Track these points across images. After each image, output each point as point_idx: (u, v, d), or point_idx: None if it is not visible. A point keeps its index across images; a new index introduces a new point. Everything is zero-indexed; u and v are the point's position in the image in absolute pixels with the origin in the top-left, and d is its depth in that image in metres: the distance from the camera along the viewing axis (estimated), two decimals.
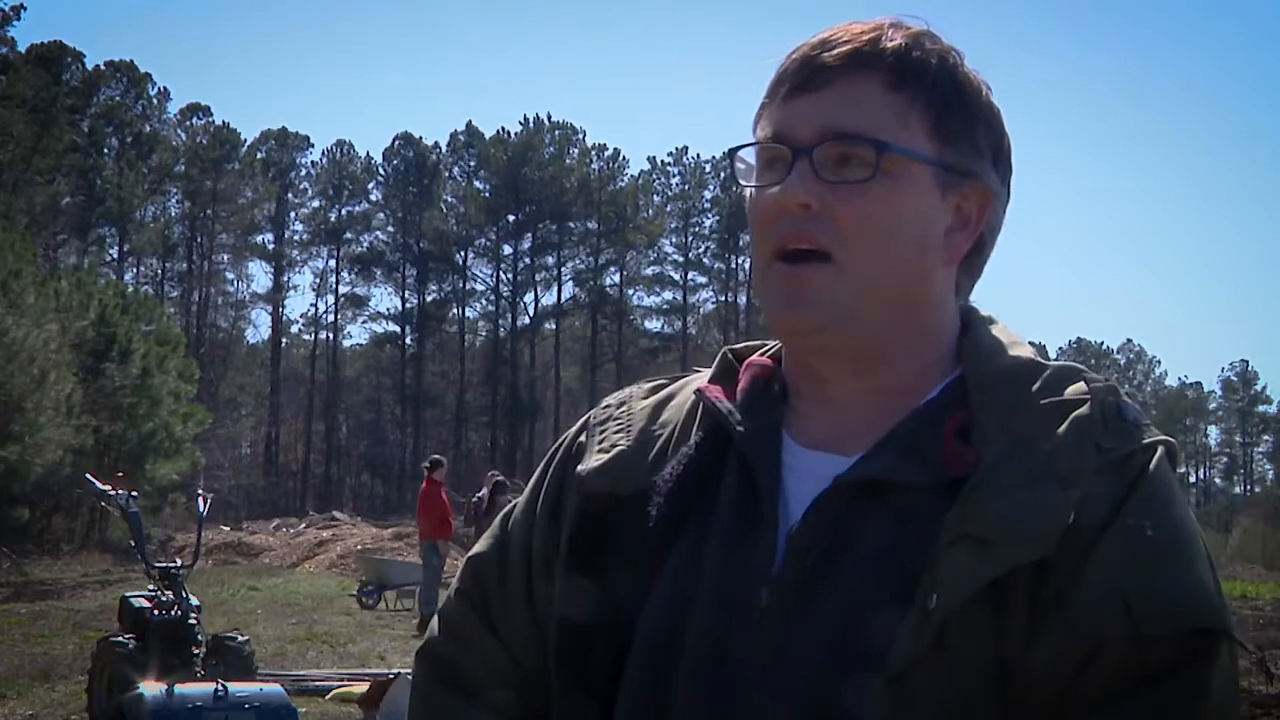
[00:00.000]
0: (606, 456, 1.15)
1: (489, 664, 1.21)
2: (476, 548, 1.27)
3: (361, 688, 8.20)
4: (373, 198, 62.54)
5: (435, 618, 1.30)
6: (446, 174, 62.71)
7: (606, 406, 1.23)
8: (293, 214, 60.91)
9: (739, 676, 1.01)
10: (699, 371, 1.23)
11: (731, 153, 1.11)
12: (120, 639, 7.46)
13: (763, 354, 1.19)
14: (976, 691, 0.95)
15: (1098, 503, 0.96)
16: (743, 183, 1.10)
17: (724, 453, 1.11)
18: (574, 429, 1.24)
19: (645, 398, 1.22)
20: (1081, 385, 1.03)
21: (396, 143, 62.00)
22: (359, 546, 25.23)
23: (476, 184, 62.06)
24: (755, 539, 1.05)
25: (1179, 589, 0.95)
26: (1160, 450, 1.00)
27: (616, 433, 1.18)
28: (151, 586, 7.86)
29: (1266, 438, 78.20)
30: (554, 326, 62.40)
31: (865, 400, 1.08)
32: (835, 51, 1.05)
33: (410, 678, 1.31)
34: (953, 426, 1.03)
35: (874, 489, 1.02)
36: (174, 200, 56.25)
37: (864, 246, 1.03)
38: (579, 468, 1.16)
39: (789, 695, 0.99)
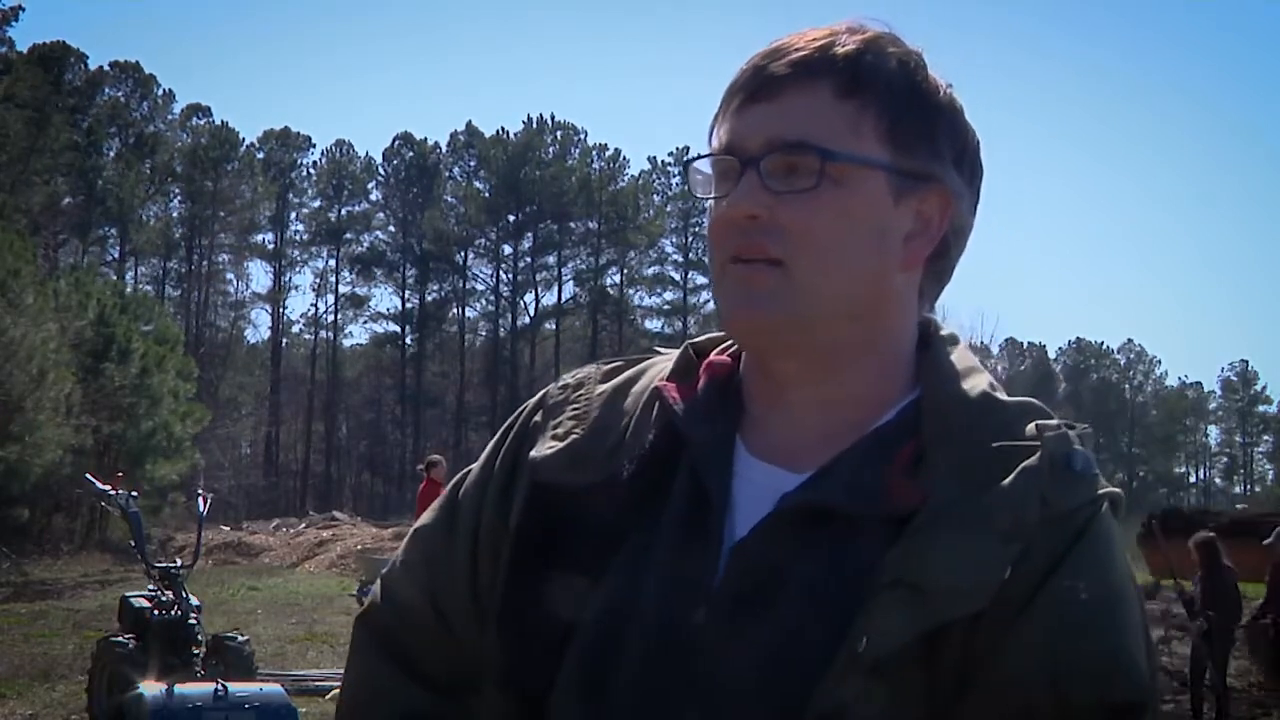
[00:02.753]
0: (560, 445, 1.13)
1: (427, 634, 1.19)
2: (423, 519, 1.24)
3: None
4: (373, 198, 62.63)
5: (378, 583, 1.27)
6: (446, 174, 62.71)
7: (564, 387, 1.19)
8: (293, 214, 60.94)
9: (672, 693, 1.00)
10: (661, 353, 1.21)
11: (686, 165, 1.10)
12: (120, 639, 7.45)
13: (723, 351, 1.16)
14: None
15: (1036, 559, 0.94)
16: (698, 195, 1.09)
17: (678, 453, 1.09)
18: (530, 405, 1.21)
19: (602, 381, 1.19)
20: (1034, 428, 1.01)
21: (396, 143, 62.07)
22: (359, 546, 25.22)
23: (476, 184, 62.09)
24: (700, 550, 1.03)
25: (1107, 658, 0.94)
26: (1104, 505, 0.98)
27: (571, 419, 1.15)
28: (151, 586, 7.85)
29: (1266, 438, 78.19)
30: (554, 326, 62.41)
31: (822, 411, 1.06)
32: (784, 60, 1.04)
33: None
34: (902, 460, 1.01)
35: (818, 514, 1.00)
36: (175, 200, 56.32)
37: (814, 254, 1.02)
38: (532, 453, 1.14)
39: (722, 711, 0.98)
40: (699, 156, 1.09)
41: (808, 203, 1.02)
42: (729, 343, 1.17)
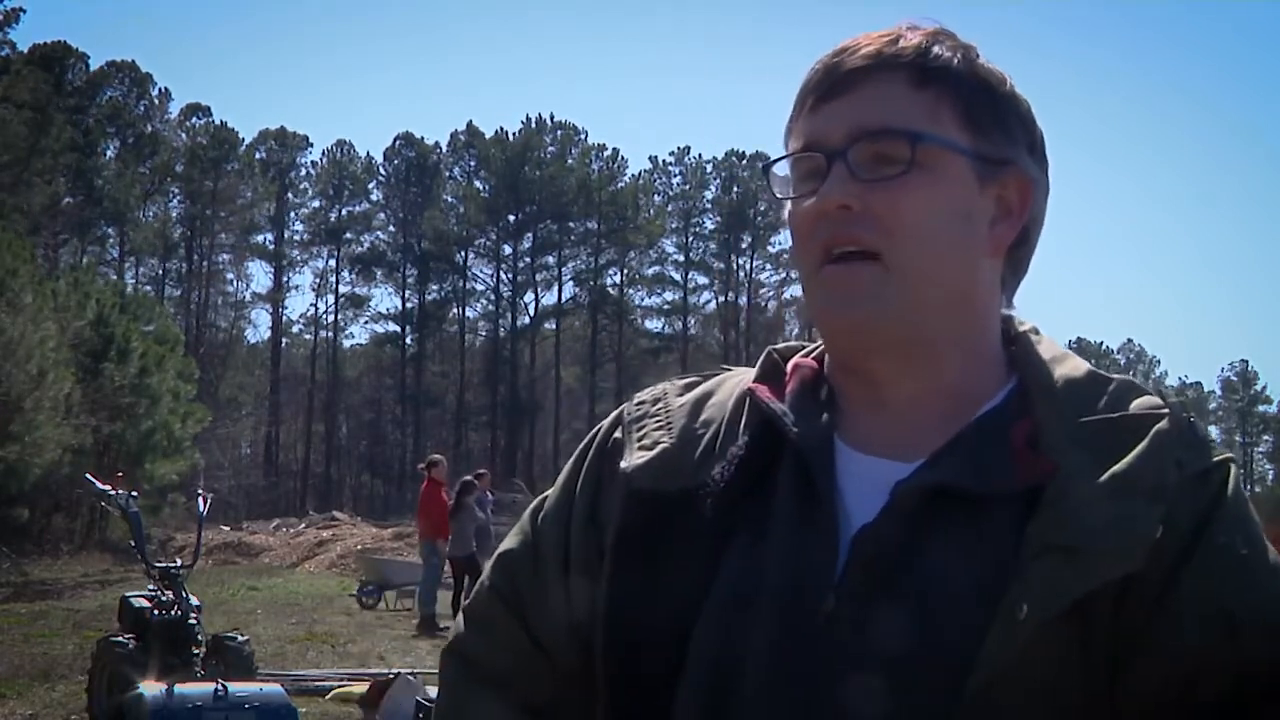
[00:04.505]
0: (650, 454, 1.13)
1: (518, 657, 1.19)
2: (505, 544, 1.25)
3: (361, 688, 8.20)
4: (373, 198, 62.62)
5: (460, 615, 1.28)
6: (447, 174, 62.72)
7: (641, 403, 1.20)
8: (293, 214, 60.95)
9: (807, 682, 1.00)
10: (730, 370, 1.23)
11: (766, 168, 1.11)
12: (120, 639, 7.45)
13: (806, 355, 1.18)
14: (1062, 706, 0.94)
15: (1182, 518, 0.96)
16: (779, 196, 1.10)
17: (774, 454, 1.09)
18: (606, 424, 1.22)
19: (681, 394, 1.20)
20: (1154, 400, 1.04)
21: (397, 143, 62.08)
22: (359, 546, 25.26)
23: (476, 184, 62.08)
24: (815, 543, 1.04)
25: (1278, 607, 0.96)
26: (1233, 467, 1.01)
27: (657, 429, 1.16)
28: (151, 586, 7.85)
29: (1266, 438, 78.19)
30: (554, 326, 62.39)
31: (923, 404, 1.07)
32: (856, 55, 1.06)
33: (408, 678, 1.30)
34: (1021, 434, 1.02)
35: (941, 496, 1.01)
36: (174, 200, 56.32)
37: (909, 242, 1.03)
38: (622, 464, 1.14)
39: (859, 700, 0.98)
40: (779, 159, 1.10)
41: (899, 189, 1.03)
42: (810, 347, 1.18)
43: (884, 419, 1.08)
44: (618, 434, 1.19)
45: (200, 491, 9.75)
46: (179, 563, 8.36)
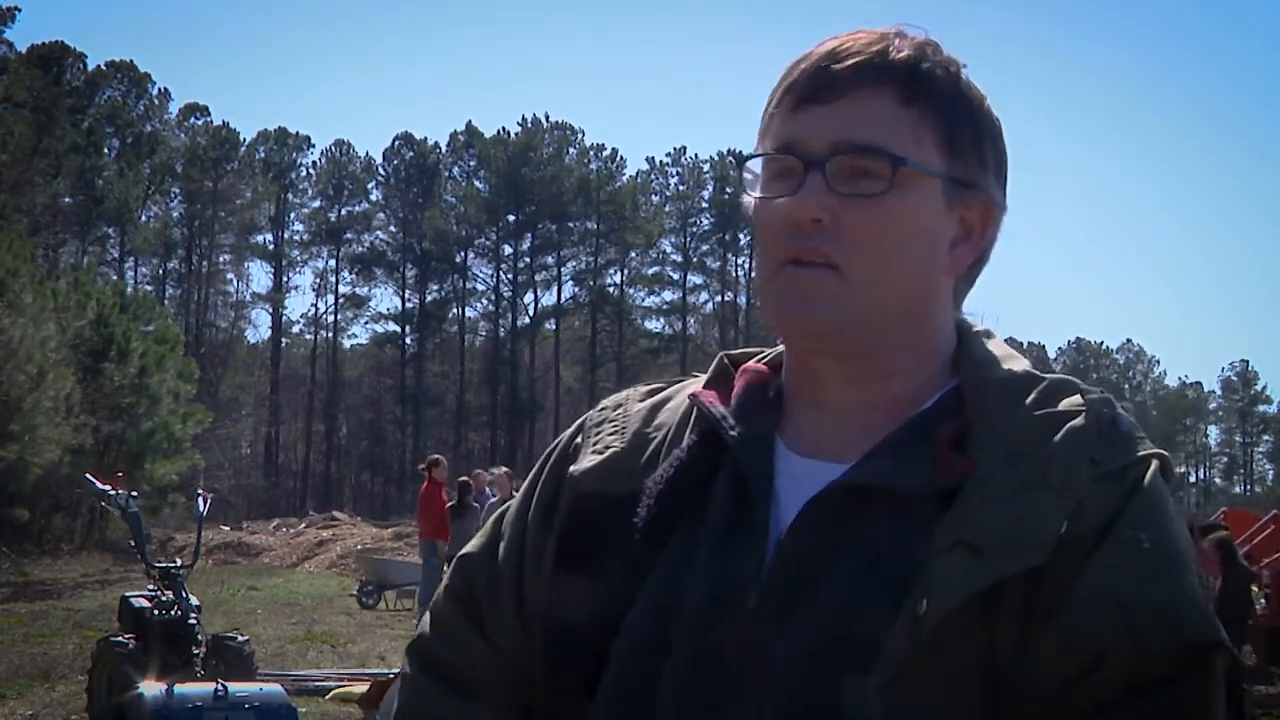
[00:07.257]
0: (600, 458, 1.15)
1: (475, 661, 1.21)
2: (468, 546, 1.27)
3: (361, 688, 8.19)
4: (373, 198, 62.68)
5: (426, 614, 1.30)
6: (446, 174, 62.73)
7: (603, 409, 1.22)
8: (293, 214, 60.98)
9: (724, 679, 1.01)
10: (697, 376, 1.23)
11: (740, 162, 1.11)
12: (120, 639, 7.46)
13: (760, 360, 1.19)
14: (966, 698, 0.95)
15: (1092, 514, 0.96)
16: (750, 193, 1.10)
17: (716, 457, 1.10)
18: (570, 430, 1.24)
19: (642, 400, 1.22)
20: (1077, 397, 1.04)
21: (396, 143, 62.12)
22: (359, 546, 25.29)
23: (476, 184, 62.11)
24: (745, 543, 1.05)
25: (1177, 601, 0.95)
26: (1154, 464, 1.01)
27: (611, 434, 1.18)
28: (151, 586, 7.86)
29: (1266, 438, 78.20)
30: (554, 326, 62.42)
31: (864, 409, 1.08)
32: (846, 63, 1.04)
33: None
34: (947, 435, 1.03)
35: (865, 495, 1.02)
36: (175, 200, 56.34)
37: (873, 260, 1.03)
38: (572, 468, 1.16)
39: (775, 698, 0.99)
40: (755, 155, 1.10)
41: (873, 207, 1.03)
42: (765, 353, 1.20)
43: (826, 421, 1.09)
44: (579, 440, 1.20)
45: (200, 491, 9.76)
46: (179, 563, 8.38)
